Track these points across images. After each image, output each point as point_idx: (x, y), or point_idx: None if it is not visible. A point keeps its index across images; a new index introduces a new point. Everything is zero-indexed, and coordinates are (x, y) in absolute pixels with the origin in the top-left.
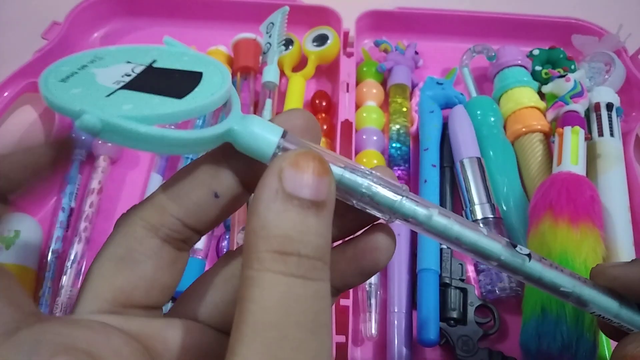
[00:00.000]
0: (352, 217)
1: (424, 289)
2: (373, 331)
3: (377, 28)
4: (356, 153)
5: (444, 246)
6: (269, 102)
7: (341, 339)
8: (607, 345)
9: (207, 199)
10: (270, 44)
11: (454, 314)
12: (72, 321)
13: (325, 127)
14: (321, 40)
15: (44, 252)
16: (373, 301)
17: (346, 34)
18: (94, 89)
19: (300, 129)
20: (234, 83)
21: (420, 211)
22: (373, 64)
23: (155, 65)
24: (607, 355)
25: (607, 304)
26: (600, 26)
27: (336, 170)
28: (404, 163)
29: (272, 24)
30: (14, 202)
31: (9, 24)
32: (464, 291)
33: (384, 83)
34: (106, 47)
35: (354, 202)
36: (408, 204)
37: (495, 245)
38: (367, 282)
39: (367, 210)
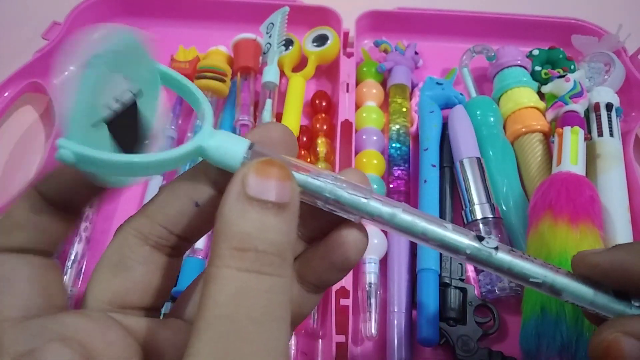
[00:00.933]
0: (327, 218)
1: (423, 288)
2: (373, 331)
3: (377, 28)
4: (356, 153)
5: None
6: (269, 102)
7: (341, 338)
8: None
9: (189, 208)
10: (270, 44)
11: (454, 314)
12: (80, 313)
13: (325, 127)
14: (321, 40)
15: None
16: (373, 301)
17: (346, 34)
18: (89, 108)
19: (277, 141)
20: (234, 83)
21: (385, 210)
22: (373, 64)
23: (138, 100)
24: None
25: (582, 291)
26: (599, 26)
27: (300, 176)
28: (404, 163)
29: (272, 24)
30: (78, 216)
31: (9, 24)
32: (463, 291)
33: (383, 83)
34: (132, 33)
35: (322, 205)
36: (373, 204)
37: (461, 239)
38: (367, 282)
39: (336, 213)
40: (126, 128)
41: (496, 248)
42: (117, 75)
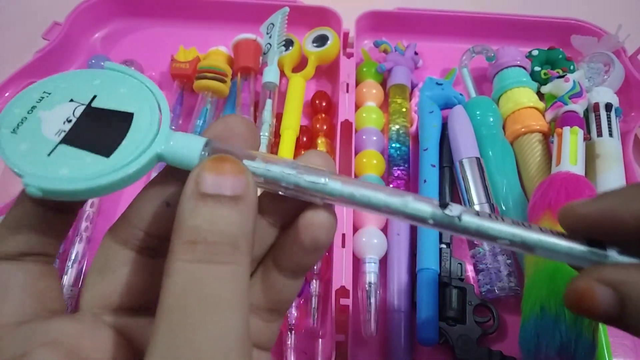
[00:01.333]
0: (296, 204)
1: (423, 288)
2: (373, 330)
3: (376, 29)
4: (356, 153)
5: (443, 246)
6: (269, 102)
7: (341, 338)
8: (606, 344)
9: (162, 209)
10: (270, 45)
11: (453, 314)
12: (70, 317)
13: (325, 127)
14: (321, 40)
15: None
16: (373, 300)
17: (346, 35)
18: (39, 145)
19: (236, 134)
20: (234, 83)
21: (345, 189)
22: (373, 65)
23: (94, 104)
24: (606, 354)
25: (555, 245)
26: (599, 27)
27: (259, 166)
28: (404, 163)
29: (273, 24)
30: (74, 215)
31: (10, 24)
32: (463, 290)
33: (383, 83)
34: (55, 76)
35: (285, 192)
36: (331, 185)
37: (425, 208)
38: (367, 281)
39: (300, 198)
40: (91, 131)
41: (460, 215)
42: (59, 106)
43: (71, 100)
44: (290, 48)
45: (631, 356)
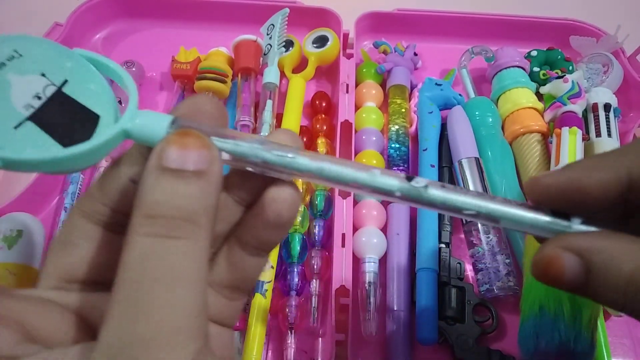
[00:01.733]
0: (262, 182)
1: (422, 287)
2: (372, 330)
3: (376, 29)
4: (356, 153)
5: (442, 245)
6: (269, 102)
7: (341, 337)
8: (605, 343)
9: (127, 185)
10: (270, 46)
11: (453, 313)
12: (19, 296)
13: (325, 127)
14: (321, 41)
15: (46, 251)
16: (372, 300)
17: (346, 36)
18: (7, 113)
19: (204, 113)
20: (234, 84)
21: (313, 165)
22: (372, 65)
23: (65, 89)
24: (605, 353)
25: (519, 216)
26: (598, 27)
27: (227, 143)
28: (403, 163)
29: (273, 25)
30: None
31: (10, 25)
32: (462, 290)
33: (383, 84)
34: (27, 37)
35: (254, 168)
36: (299, 161)
37: (391, 182)
38: (367, 281)
39: (269, 174)
40: (60, 118)
41: (426, 186)
42: (30, 76)
43: (43, 75)
44: (291, 49)
45: (630, 356)
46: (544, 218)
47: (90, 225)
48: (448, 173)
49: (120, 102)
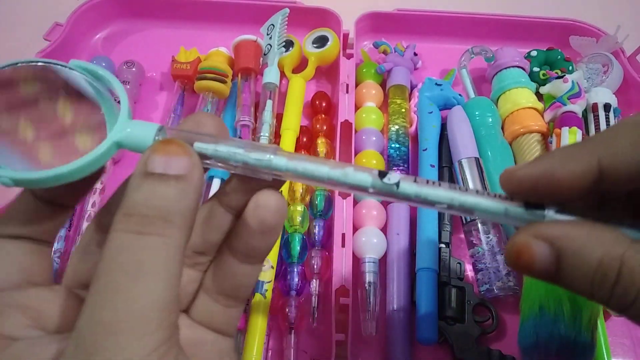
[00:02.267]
0: (250, 191)
1: (422, 287)
2: (372, 330)
3: (376, 30)
4: (356, 153)
5: (442, 245)
6: (269, 103)
7: (341, 337)
8: (604, 343)
9: None
10: (270, 46)
11: (452, 313)
12: (45, 288)
13: (325, 127)
14: (321, 41)
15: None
16: (372, 300)
17: (346, 36)
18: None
19: (206, 128)
20: (234, 84)
21: (290, 164)
22: (372, 65)
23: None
24: (605, 353)
25: (493, 207)
26: (597, 27)
27: (207, 148)
28: (403, 163)
29: (273, 25)
30: (70, 207)
31: (11, 25)
32: (462, 290)
33: (383, 84)
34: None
35: (235, 170)
36: (276, 160)
37: (364, 178)
38: (367, 281)
39: (251, 175)
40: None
41: (398, 182)
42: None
43: None
44: (291, 49)
45: (630, 355)
46: (517, 209)
47: (104, 235)
48: (448, 173)
49: (118, 102)
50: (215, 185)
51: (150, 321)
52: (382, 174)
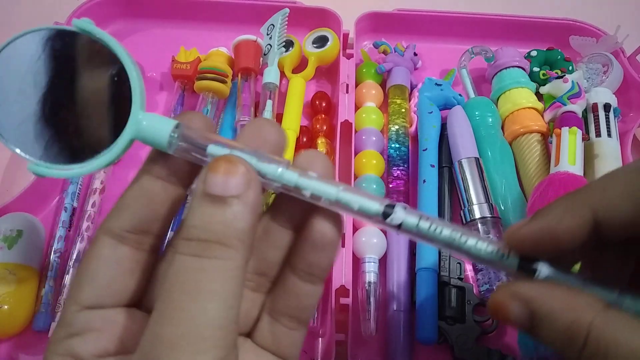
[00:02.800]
0: (305, 207)
1: (422, 287)
2: (372, 329)
3: (376, 30)
4: (355, 153)
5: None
6: (269, 103)
7: (341, 337)
8: None
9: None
10: (270, 46)
11: (452, 313)
12: (124, 310)
13: (325, 127)
14: (321, 41)
15: (47, 252)
16: (372, 300)
17: (346, 36)
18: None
19: (268, 139)
20: (234, 84)
21: (301, 180)
22: (372, 65)
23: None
24: None
25: (489, 256)
26: (597, 27)
27: (222, 152)
28: (403, 163)
29: (273, 25)
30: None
31: (11, 25)
32: (462, 290)
33: (383, 84)
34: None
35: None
36: (287, 175)
37: (372, 206)
38: (367, 280)
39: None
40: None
41: (401, 224)
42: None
43: None
44: (291, 49)
45: None
46: (513, 260)
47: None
48: (448, 173)
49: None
50: None
51: (206, 339)
52: (387, 210)
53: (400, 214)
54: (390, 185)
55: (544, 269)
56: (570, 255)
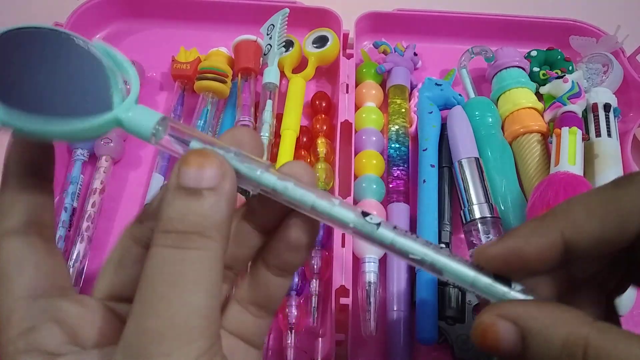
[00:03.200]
0: (278, 210)
1: (422, 287)
2: (372, 329)
3: (376, 30)
4: (356, 153)
5: (443, 245)
6: (269, 103)
7: (341, 337)
8: None
9: None
10: (270, 46)
11: (453, 313)
12: (77, 299)
13: (325, 127)
14: (321, 41)
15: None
16: (372, 300)
17: (346, 36)
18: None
19: (243, 143)
20: (234, 84)
21: (279, 183)
22: (372, 65)
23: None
24: None
25: (462, 272)
26: (597, 27)
27: (204, 148)
28: (403, 163)
29: (273, 25)
30: (52, 181)
31: (11, 25)
32: (462, 290)
33: (383, 84)
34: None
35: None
36: (267, 176)
37: (347, 214)
38: (367, 280)
39: (240, 185)
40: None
41: (379, 224)
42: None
43: None
44: (291, 49)
45: None
46: (485, 280)
47: (139, 248)
48: (448, 173)
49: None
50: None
51: (193, 329)
52: (364, 214)
53: (377, 219)
54: (390, 185)
55: (517, 287)
56: (549, 276)
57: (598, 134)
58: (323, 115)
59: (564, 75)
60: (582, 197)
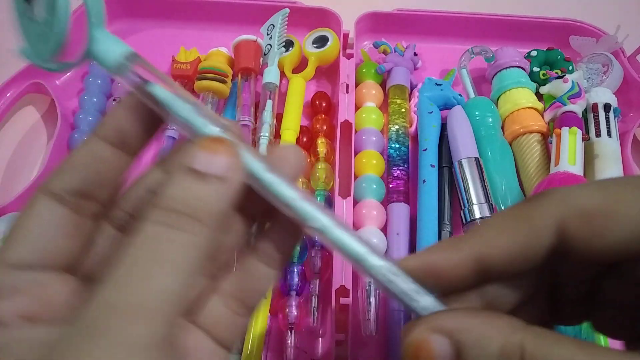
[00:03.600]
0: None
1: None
2: (372, 329)
3: (376, 30)
4: (356, 153)
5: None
6: (269, 103)
7: (341, 337)
8: (604, 344)
9: (101, 166)
10: (270, 46)
11: None
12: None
13: (325, 127)
14: (321, 41)
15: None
16: (372, 300)
17: (346, 36)
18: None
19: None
20: (235, 84)
21: (256, 165)
22: (372, 65)
23: None
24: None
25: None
26: (597, 27)
27: (163, 93)
28: (403, 163)
29: (273, 25)
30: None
31: (11, 25)
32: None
33: (383, 84)
34: None
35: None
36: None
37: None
38: (367, 280)
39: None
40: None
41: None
42: None
43: None
44: (291, 49)
45: None
46: (411, 286)
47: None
48: (448, 173)
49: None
50: None
51: (153, 310)
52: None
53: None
54: (390, 185)
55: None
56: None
57: (598, 134)
58: (323, 115)
59: (564, 75)
60: (496, 216)
